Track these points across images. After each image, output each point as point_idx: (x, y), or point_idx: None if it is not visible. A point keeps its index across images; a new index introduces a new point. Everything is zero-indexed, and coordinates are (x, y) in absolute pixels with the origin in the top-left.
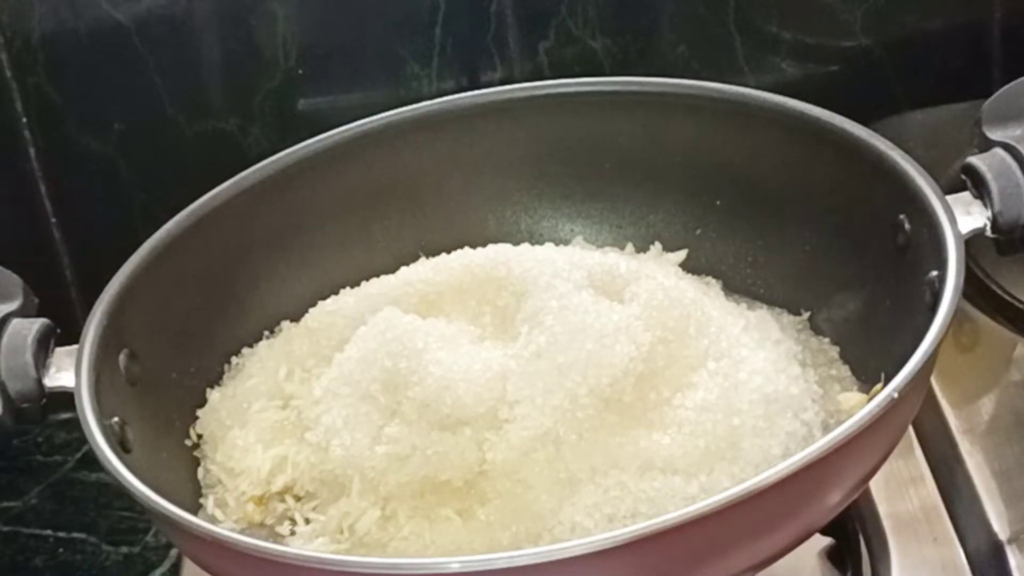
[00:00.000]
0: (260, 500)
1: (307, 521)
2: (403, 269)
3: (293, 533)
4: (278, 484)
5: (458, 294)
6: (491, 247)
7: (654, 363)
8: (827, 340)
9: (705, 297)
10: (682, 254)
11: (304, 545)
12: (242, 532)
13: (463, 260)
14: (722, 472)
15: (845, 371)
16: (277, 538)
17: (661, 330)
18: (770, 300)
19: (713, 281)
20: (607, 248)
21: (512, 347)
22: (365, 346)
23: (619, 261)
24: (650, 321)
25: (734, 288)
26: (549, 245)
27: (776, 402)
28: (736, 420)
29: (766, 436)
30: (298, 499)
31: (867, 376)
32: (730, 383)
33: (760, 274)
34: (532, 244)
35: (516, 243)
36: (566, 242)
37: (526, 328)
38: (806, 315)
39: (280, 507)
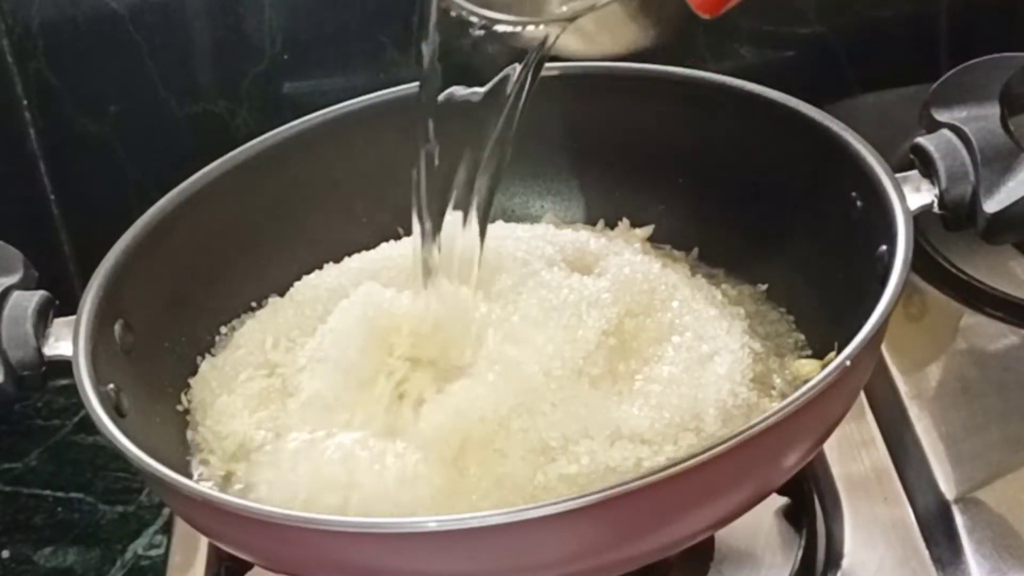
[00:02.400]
0: None
1: None
2: (383, 245)
3: None
4: None
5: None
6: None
7: (623, 336)
8: (784, 311)
9: (671, 272)
10: (649, 229)
11: None
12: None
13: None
14: (686, 442)
15: (801, 340)
16: None
17: (629, 304)
18: (731, 273)
19: (679, 255)
20: (578, 224)
21: (488, 319)
22: (346, 319)
23: (589, 238)
24: (619, 295)
25: (697, 261)
26: (525, 224)
27: (737, 374)
28: (700, 393)
29: (728, 406)
30: None
31: (821, 345)
32: (694, 356)
33: (721, 248)
34: (505, 221)
35: (490, 220)
36: (537, 218)
37: (501, 302)
38: (764, 287)
39: None
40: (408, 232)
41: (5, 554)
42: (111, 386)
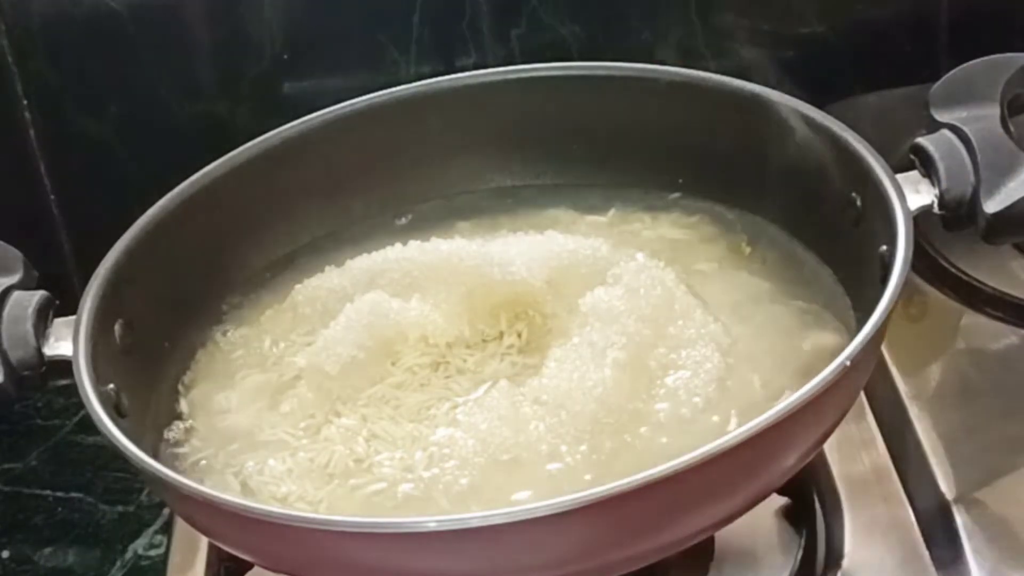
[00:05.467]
0: None
1: None
2: (386, 248)
3: None
4: None
5: (442, 274)
6: (477, 241)
7: (641, 349)
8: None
9: (686, 275)
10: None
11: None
12: None
13: (451, 246)
14: None
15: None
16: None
17: (645, 309)
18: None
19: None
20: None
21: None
22: (350, 327)
23: (600, 244)
24: (634, 302)
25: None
26: (531, 235)
27: (768, 381)
28: (734, 408)
29: (759, 411)
30: None
31: None
32: (719, 369)
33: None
34: (512, 218)
35: (489, 216)
36: (536, 213)
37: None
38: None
39: None
40: (408, 230)
41: (5, 554)
42: (111, 386)
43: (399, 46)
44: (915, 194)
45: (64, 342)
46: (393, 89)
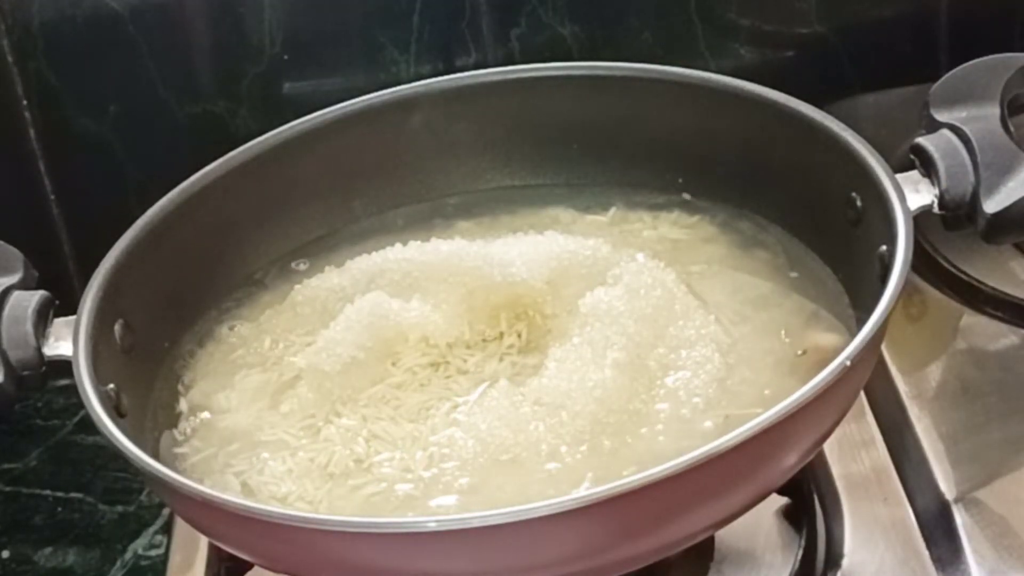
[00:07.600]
0: None
1: None
2: (387, 249)
3: None
4: None
5: (442, 275)
6: (477, 242)
7: (641, 349)
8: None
9: (686, 275)
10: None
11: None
12: None
13: (452, 246)
14: None
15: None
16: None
17: (645, 310)
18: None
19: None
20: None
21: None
22: (350, 327)
23: (600, 245)
24: (634, 303)
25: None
26: (530, 236)
27: (768, 381)
28: (730, 410)
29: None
30: None
31: None
32: (718, 370)
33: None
34: (512, 218)
35: (489, 216)
36: (536, 212)
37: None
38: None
39: None
40: (408, 230)
41: (5, 554)
42: (111, 386)
43: (399, 46)
44: (915, 194)
45: (64, 342)
46: (393, 89)
